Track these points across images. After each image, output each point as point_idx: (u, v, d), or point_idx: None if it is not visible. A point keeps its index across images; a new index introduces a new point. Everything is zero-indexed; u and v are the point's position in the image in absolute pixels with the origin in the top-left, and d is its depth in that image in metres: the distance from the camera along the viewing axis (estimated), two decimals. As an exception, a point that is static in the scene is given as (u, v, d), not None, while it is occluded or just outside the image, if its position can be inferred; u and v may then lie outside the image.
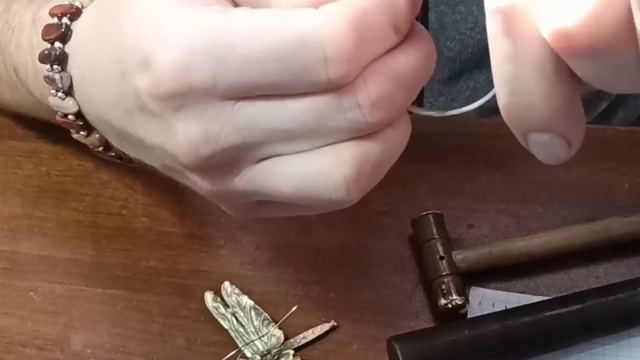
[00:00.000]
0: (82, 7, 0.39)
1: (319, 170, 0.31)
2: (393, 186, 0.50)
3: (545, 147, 0.28)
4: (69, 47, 0.38)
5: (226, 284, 0.47)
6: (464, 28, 0.59)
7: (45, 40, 0.38)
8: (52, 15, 0.39)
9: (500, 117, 0.33)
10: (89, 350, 0.46)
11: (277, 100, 0.30)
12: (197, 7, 0.30)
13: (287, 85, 0.29)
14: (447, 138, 0.52)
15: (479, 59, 0.61)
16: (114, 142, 0.39)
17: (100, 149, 0.43)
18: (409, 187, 0.50)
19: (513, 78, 0.27)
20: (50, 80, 0.38)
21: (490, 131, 0.52)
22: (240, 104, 0.30)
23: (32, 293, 0.49)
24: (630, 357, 0.43)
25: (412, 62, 0.31)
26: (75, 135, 0.42)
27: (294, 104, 0.30)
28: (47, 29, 0.38)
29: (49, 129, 0.54)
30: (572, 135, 0.28)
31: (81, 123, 0.40)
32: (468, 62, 0.61)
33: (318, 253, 0.49)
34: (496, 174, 0.50)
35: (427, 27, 0.59)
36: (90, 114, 0.39)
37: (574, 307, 0.42)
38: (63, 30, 0.38)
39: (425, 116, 0.37)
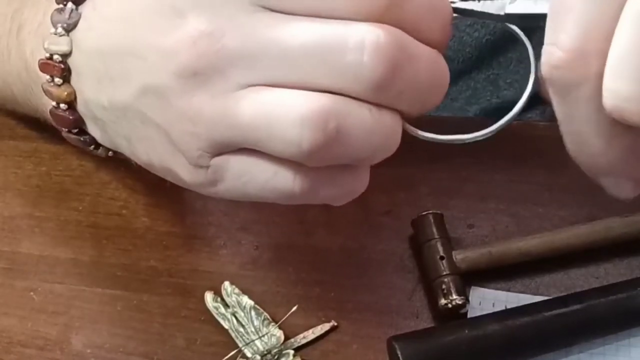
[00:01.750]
0: None
1: (284, 103, 0.30)
2: (393, 186, 0.50)
3: (614, 187, 0.31)
4: None
5: (226, 284, 0.47)
6: (463, 25, 0.59)
7: None
8: None
9: (501, 117, 0.34)
10: (89, 350, 0.46)
11: (297, 17, 0.29)
12: None
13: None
14: (447, 138, 0.52)
15: (478, 58, 0.61)
16: (91, 89, 0.39)
17: (65, 107, 0.42)
18: (409, 188, 0.50)
19: (575, 132, 0.29)
20: (58, 12, 0.39)
21: (490, 131, 0.52)
22: (260, 12, 0.30)
23: (32, 293, 0.49)
24: (630, 357, 0.43)
25: (427, 57, 0.31)
26: (45, 85, 0.41)
27: (306, 23, 0.29)
28: None
29: (50, 130, 0.54)
30: (638, 175, 0.29)
31: (62, 67, 0.40)
32: (467, 62, 0.61)
33: (318, 253, 0.49)
34: (496, 174, 0.50)
35: None
36: (87, 45, 0.38)
37: (574, 307, 0.42)
38: None
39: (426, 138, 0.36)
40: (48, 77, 0.41)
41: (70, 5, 0.39)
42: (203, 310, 0.47)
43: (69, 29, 0.39)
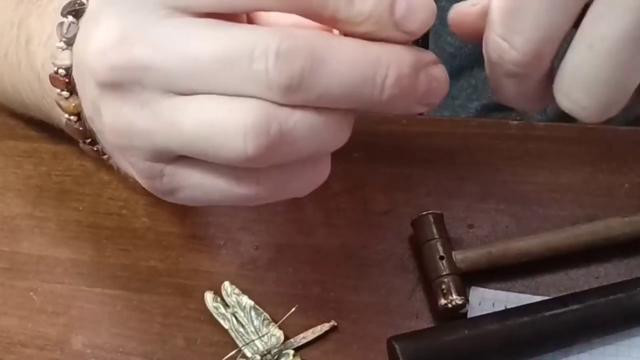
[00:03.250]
0: None
1: (223, 112, 0.29)
2: (393, 186, 0.50)
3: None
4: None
5: (226, 284, 0.47)
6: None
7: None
8: None
9: (501, 117, 0.34)
10: (89, 350, 0.46)
11: (204, 29, 0.29)
12: None
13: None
14: (447, 138, 0.52)
15: (480, 55, 0.61)
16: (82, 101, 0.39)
17: (75, 119, 0.42)
18: (409, 188, 0.50)
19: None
20: (59, 26, 0.39)
21: (491, 131, 0.52)
22: (169, 19, 0.29)
23: (32, 293, 0.49)
24: (630, 357, 0.43)
25: (355, 54, 0.29)
26: (56, 98, 0.41)
27: (214, 32, 0.29)
28: None
29: (50, 130, 0.54)
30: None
31: (67, 80, 0.40)
32: (469, 58, 0.61)
33: (318, 253, 0.49)
34: (496, 174, 0.50)
35: None
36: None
37: (574, 307, 0.42)
38: None
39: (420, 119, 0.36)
40: (58, 90, 0.41)
41: (70, 18, 0.39)
42: (203, 310, 0.47)
43: (70, 43, 0.38)
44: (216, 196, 0.33)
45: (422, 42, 0.59)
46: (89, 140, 0.43)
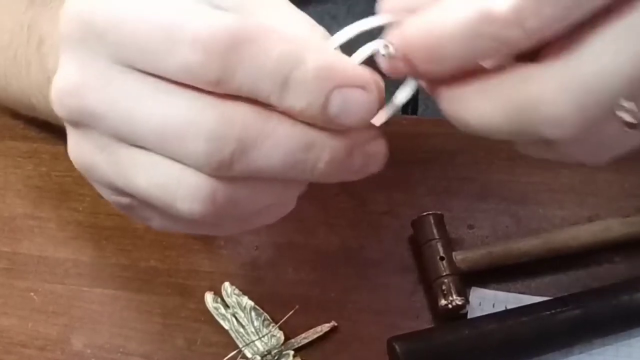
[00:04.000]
0: None
1: (171, 177, 0.30)
2: (393, 187, 0.50)
3: None
4: None
5: (226, 284, 0.47)
6: None
7: None
8: None
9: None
10: (89, 350, 0.46)
11: (148, 85, 0.29)
12: None
13: (158, 60, 0.29)
14: (447, 139, 0.52)
15: None
16: None
17: None
18: (409, 188, 0.50)
19: None
20: None
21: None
22: (120, 71, 0.30)
23: (32, 293, 0.49)
24: (630, 357, 0.43)
25: (287, 140, 0.29)
26: None
27: (152, 98, 0.29)
28: None
29: (50, 130, 0.54)
30: None
31: None
32: None
33: (318, 253, 0.49)
34: (496, 174, 0.50)
35: None
36: None
37: (574, 307, 0.42)
38: None
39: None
40: None
41: None
42: (203, 310, 0.47)
43: None
44: (183, 231, 0.34)
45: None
46: None
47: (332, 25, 0.61)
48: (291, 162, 0.29)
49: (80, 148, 0.32)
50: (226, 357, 0.44)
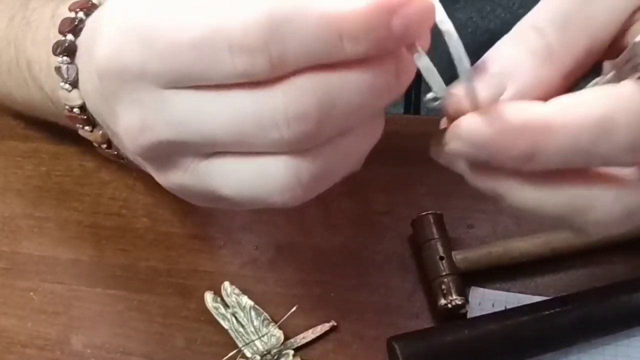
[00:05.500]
0: (99, 4, 0.40)
1: (256, 175, 0.30)
2: (393, 187, 0.50)
3: None
4: (79, 40, 0.39)
5: (226, 284, 0.47)
6: (464, 33, 0.59)
7: (60, 33, 0.40)
8: (70, 10, 0.40)
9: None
10: (89, 350, 0.46)
11: (205, 96, 0.29)
12: None
13: (204, 75, 0.29)
14: (447, 138, 0.52)
15: (476, 52, 0.61)
16: (108, 133, 0.40)
17: (104, 146, 0.43)
18: (409, 188, 0.50)
19: None
20: (58, 71, 0.40)
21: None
22: (173, 94, 0.30)
23: (32, 293, 0.49)
24: (629, 357, 0.43)
25: (353, 85, 0.29)
26: (81, 132, 0.43)
27: (214, 104, 0.29)
28: (63, 22, 0.40)
29: (50, 130, 0.54)
30: None
31: (85, 117, 0.41)
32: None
33: (318, 253, 0.49)
34: (496, 174, 0.50)
35: None
36: (88, 105, 0.39)
37: (574, 307, 0.42)
38: (76, 23, 0.39)
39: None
40: (80, 125, 0.42)
41: (65, 59, 0.39)
42: (203, 310, 0.47)
43: (74, 84, 0.40)
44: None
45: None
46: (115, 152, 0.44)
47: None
48: (372, 95, 0.29)
49: (168, 178, 0.33)
50: (226, 357, 0.44)
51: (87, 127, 0.42)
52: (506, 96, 0.31)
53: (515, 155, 0.29)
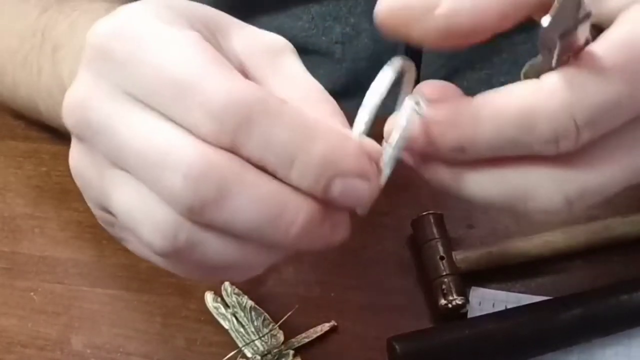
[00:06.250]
0: None
1: (142, 206, 0.30)
2: (393, 186, 0.50)
3: None
4: None
5: (226, 284, 0.47)
6: None
7: None
8: None
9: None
10: (89, 350, 0.46)
11: (144, 116, 0.30)
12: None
13: (171, 110, 0.29)
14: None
15: (472, 58, 0.61)
16: None
17: None
18: (409, 188, 0.50)
19: None
20: None
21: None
22: (125, 98, 0.30)
23: (32, 293, 0.49)
24: (630, 357, 0.43)
25: (264, 199, 0.29)
26: None
27: (140, 125, 0.30)
28: None
29: (50, 130, 0.54)
30: None
31: None
32: (462, 61, 0.61)
33: (318, 253, 0.48)
34: (496, 174, 0.50)
35: None
36: None
37: (574, 307, 0.42)
38: None
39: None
40: None
41: None
42: (203, 310, 0.47)
43: None
44: (152, 261, 0.34)
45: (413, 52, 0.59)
46: None
47: (334, 25, 0.60)
48: (265, 219, 0.29)
49: (78, 159, 0.33)
50: (226, 357, 0.44)
51: None
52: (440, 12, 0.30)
53: (449, 147, 0.30)
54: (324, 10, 0.59)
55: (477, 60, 0.61)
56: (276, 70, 0.33)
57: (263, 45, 0.33)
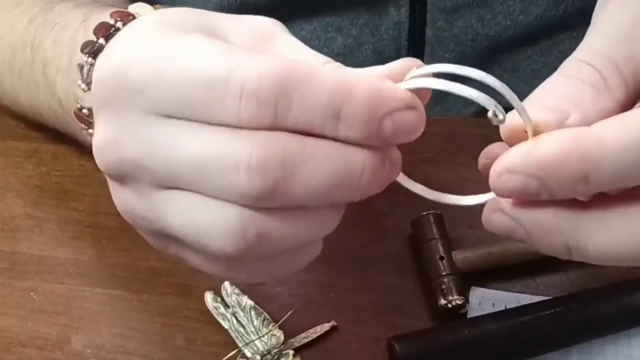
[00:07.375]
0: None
1: (204, 215, 0.30)
2: (393, 186, 0.50)
3: None
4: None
5: (226, 284, 0.47)
6: (464, 40, 0.59)
7: (94, 35, 0.40)
8: (110, 16, 0.40)
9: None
10: (89, 350, 0.46)
11: (186, 127, 0.30)
12: (158, 31, 0.31)
13: (206, 113, 0.29)
14: (448, 139, 0.52)
15: (479, 61, 0.61)
16: None
17: None
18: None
19: None
20: (80, 69, 0.40)
21: (491, 131, 0.52)
22: (155, 119, 0.30)
23: (32, 293, 0.49)
24: (629, 357, 0.43)
25: (323, 158, 0.29)
26: (84, 132, 0.43)
27: (187, 138, 0.30)
28: (100, 26, 0.40)
29: (50, 130, 0.54)
30: None
31: (92, 120, 0.41)
32: (468, 63, 0.61)
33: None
34: (496, 174, 0.50)
35: (423, 42, 0.59)
36: None
37: (574, 307, 0.42)
38: (112, 31, 0.40)
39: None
40: (84, 126, 0.42)
41: (89, 60, 0.40)
42: (203, 310, 0.47)
43: (90, 86, 0.40)
44: (220, 274, 0.34)
45: (418, 34, 0.59)
46: None
47: (335, 37, 0.60)
48: (337, 179, 0.30)
49: (124, 199, 0.34)
50: (226, 357, 0.44)
51: (90, 130, 0.42)
52: (572, 122, 0.29)
53: (570, 175, 0.28)
54: (326, 22, 0.59)
55: (483, 65, 0.61)
56: (274, 50, 0.33)
57: (253, 30, 0.33)
